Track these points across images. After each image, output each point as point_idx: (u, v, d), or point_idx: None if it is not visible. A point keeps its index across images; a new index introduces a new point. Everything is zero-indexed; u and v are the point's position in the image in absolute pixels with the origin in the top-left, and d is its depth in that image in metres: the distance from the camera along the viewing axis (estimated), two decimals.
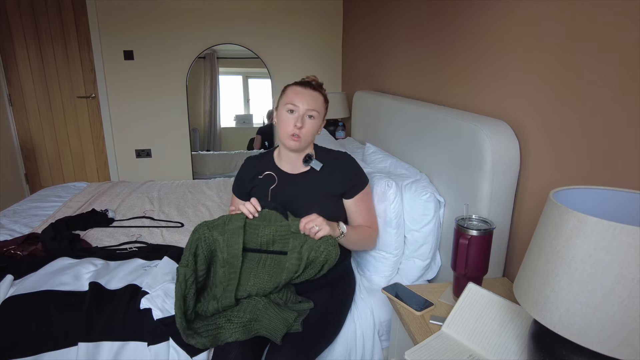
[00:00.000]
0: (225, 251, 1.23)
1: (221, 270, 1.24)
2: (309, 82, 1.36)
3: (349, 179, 1.38)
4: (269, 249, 1.26)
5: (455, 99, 1.67)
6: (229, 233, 1.23)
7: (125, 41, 3.35)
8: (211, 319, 1.21)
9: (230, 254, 1.23)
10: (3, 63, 3.39)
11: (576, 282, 0.62)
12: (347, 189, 1.38)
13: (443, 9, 1.74)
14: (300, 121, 1.30)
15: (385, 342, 1.46)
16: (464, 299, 1.04)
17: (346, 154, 1.43)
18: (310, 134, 1.34)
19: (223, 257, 1.24)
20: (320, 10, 3.50)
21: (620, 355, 0.58)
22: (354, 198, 1.39)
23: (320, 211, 1.26)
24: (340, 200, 1.39)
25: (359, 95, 2.62)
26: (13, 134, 3.53)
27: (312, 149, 1.42)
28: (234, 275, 1.23)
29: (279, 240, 1.26)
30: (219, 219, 1.26)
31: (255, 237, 1.26)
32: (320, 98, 1.35)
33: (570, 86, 1.07)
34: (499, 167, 1.25)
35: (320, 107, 1.35)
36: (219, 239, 1.24)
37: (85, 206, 2.27)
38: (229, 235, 1.23)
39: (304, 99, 1.31)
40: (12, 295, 1.32)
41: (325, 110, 1.40)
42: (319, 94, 1.35)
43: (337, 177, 1.37)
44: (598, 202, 0.75)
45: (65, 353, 1.21)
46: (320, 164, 1.36)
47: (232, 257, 1.23)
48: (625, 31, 0.90)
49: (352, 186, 1.38)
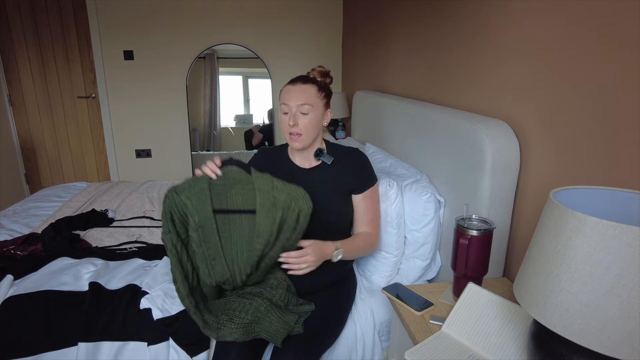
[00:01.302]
0: (195, 215, 1.20)
1: (199, 250, 1.21)
2: (300, 77, 1.33)
3: (359, 174, 1.37)
4: (238, 208, 1.22)
5: (456, 99, 1.67)
6: (195, 196, 1.20)
7: (125, 41, 3.35)
8: (213, 313, 1.20)
9: (201, 217, 1.20)
10: (3, 63, 3.39)
11: (576, 282, 0.62)
12: (357, 185, 1.36)
13: (443, 9, 1.74)
14: (293, 119, 1.28)
15: (385, 342, 1.46)
16: (464, 299, 1.04)
17: (358, 150, 1.41)
18: (310, 128, 1.30)
19: (195, 221, 1.20)
20: (320, 10, 3.50)
21: (620, 355, 0.58)
22: (363, 194, 1.37)
23: (329, 211, 1.30)
24: (349, 197, 1.38)
25: (359, 95, 2.61)
26: (13, 134, 3.53)
27: (322, 144, 1.41)
28: (213, 237, 1.20)
29: (246, 199, 1.22)
30: (185, 183, 1.23)
31: (224, 199, 1.22)
32: (312, 89, 1.30)
33: (570, 86, 1.07)
34: (499, 167, 1.25)
35: (313, 98, 1.29)
36: (188, 203, 1.20)
37: (85, 206, 2.27)
38: (196, 198, 1.20)
39: (292, 96, 1.29)
40: (12, 295, 1.32)
41: (325, 99, 1.34)
42: (310, 85, 1.30)
43: (348, 172, 1.36)
44: (598, 202, 0.75)
45: (65, 353, 1.21)
46: (332, 158, 1.35)
47: (203, 219, 1.20)
48: (626, 31, 0.90)
49: (362, 182, 1.37)
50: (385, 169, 1.81)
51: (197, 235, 1.20)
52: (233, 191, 1.22)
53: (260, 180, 1.20)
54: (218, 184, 1.22)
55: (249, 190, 1.21)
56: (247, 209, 1.22)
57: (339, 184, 1.36)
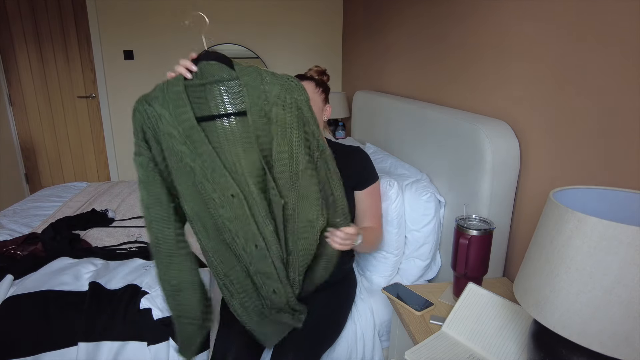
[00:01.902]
0: (176, 125, 1.00)
1: (196, 165, 1.01)
2: (297, 75, 1.34)
3: (361, 171, 1.37)
4: (225, 111, 1.03)
5: (456, 99, 1.67)
6: (172, 103, 1.00)
7: (125, 41, 3.35)
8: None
9: (184, 126, 1.00)
10: (3, 63, 3.39)
11: (576, 282, 0.62)
12: (359, 181, 1.36)
13: (443, 9, 1.74)
14: None
15: (385, 342, 1.46)
16: (464, 299, 1.04)
17: (359, 148, 1.42)
18: None
19: (179, 133, 1.00)
20: (320, 10, 3.50)
21: (620, 355, 0.58)
22: (365, 191, 1.37)
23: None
24: (351, 193, 1.38)
25: (359, 95, 2.62)
26: (13, 134, 3.53)
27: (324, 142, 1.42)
28: (206, 147, 1.00)
29: (232, 99, 1.03)
30: (156, 89, 1.02)
31: (204, 103, 1.02)
32: (309, 85, 1.33)
33: (570, 86, 1.07)
34: (499, 167, 1.25)
35: (311, 94, 1.29)
36: (164, 113, 1.00)
37: (85, 206, 2.27)
38: (172, 105, 1.00)
39: None
40: (12, 295, 1.32)
41: (323, 95, 1.36)
42: (307, 81, 1.33)
43: (350, 168, 1.37)
44: (598, 202, 0.75)
45: (65, 353, 1.21)
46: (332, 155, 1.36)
47: (188, 128, 1.00)
48: (626, 30, 0.90)
49: (364, 178, 1.37)
50: (386, 169, 1.81)
51: (187, 149, 1.00)
52: (215, 91, 1.02)
53: (246, 74, 1.00)
54: (195, 85, 1.01)
55: (233, 87, 1.02)
56: (235, 111, 1.03)
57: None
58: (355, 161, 1.38)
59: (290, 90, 1.00)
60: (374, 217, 1.40)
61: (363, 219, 1.40)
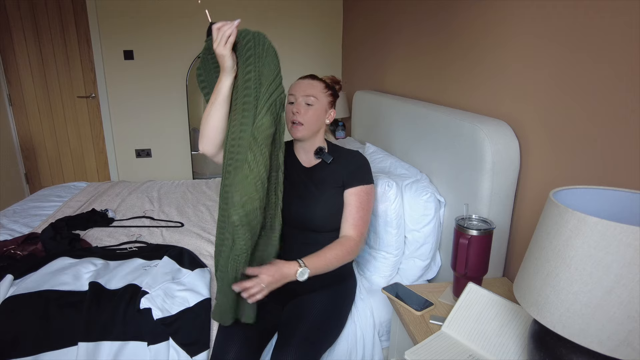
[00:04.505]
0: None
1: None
2: (311, 75, 1.39)
3: (354, 171, 1.36)
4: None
5: (456, 98, 1.67)
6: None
7: (125, 41, 3.35)
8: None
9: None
10: (3, 63, 3.39)
11: (576, 282, 0.62)
12: (350, 179, 1.35)
13: (443, 9, 1.74)
14: (297, 108, 1.32)
15: (385, 342, 1.46)
16: (464, 299, 1.04)
17: (359, 152, 1.42)
18: (313, 121, 1.33)
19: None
20: (320, 11, 3.50)
21: (620, 355, 0.58)
22: (354, 189, 1.34)
23: (325, 203, 1.32)
24: (341, 194, 1.38)
25: (359, 95, 2.61)
26: (13, 134, 3.53)
27: (324, 143, 1.42)
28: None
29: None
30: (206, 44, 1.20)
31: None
32: (319, 85, 1.35)
33: (570, 86, 1.07)
34: (499, 167, 1.25)
35: (318, 93, 1.33)
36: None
37: (85, 206, 2.27)
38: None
39: (300, 87, 1.34)
40: (12, 295, 1.32)
41: (331, 97, 1.38)
42: (318, 81, 1.36)
43: (345, 168, 1.37)
44: (598, 202, 0.75)
45: (65, 353, 1.21)
46: (331, 157, 1.37)
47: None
48: (626, 30, 0.90)
49: (355, 177, 1.35)
50: (385, 169, 1.81)
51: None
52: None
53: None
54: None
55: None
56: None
57: (335, 179, 1.36)
58: (351, 162, 1.38)
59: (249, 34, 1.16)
60: (355, 223, 1.32)
61: (345, 222, 1.34)
